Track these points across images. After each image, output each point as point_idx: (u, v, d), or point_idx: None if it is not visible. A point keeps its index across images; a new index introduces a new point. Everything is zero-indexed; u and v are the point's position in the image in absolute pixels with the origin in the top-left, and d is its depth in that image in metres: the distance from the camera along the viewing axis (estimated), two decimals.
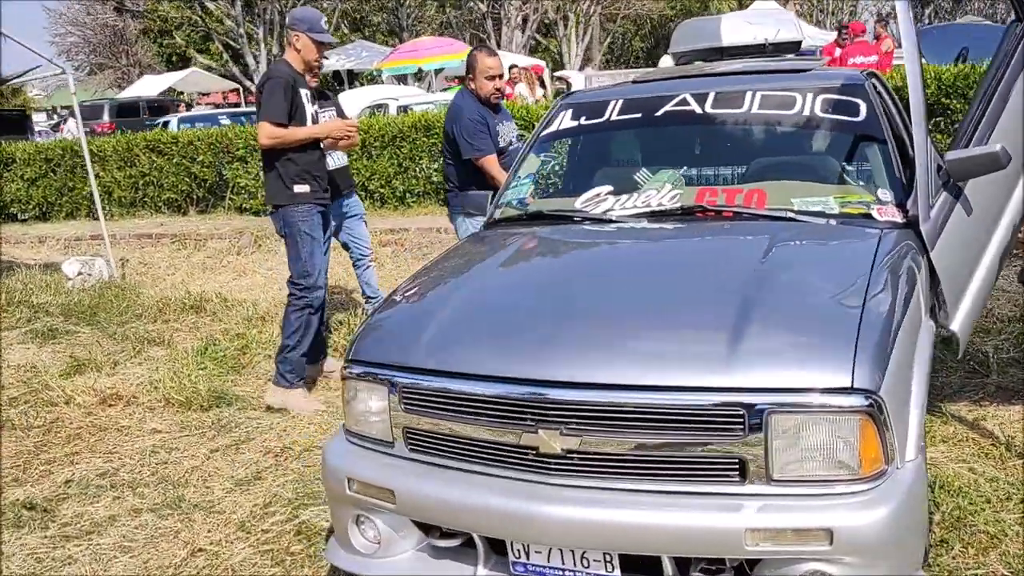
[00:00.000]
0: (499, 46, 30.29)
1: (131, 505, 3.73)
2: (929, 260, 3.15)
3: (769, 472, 2.27)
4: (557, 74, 20.03)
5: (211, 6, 24.43)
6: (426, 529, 2.73)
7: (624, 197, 3.52)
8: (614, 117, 3.91)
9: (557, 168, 4.12)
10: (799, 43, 12.75)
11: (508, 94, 16.34)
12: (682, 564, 2.40)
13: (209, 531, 3.47)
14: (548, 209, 3.65)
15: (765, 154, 3.71)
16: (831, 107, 3.59)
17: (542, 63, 22.07)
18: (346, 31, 29.29)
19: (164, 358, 5.76)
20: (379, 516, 2.73)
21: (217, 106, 26.11)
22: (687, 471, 2.33)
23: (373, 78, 26.32)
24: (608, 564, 2.41)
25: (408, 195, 10.60)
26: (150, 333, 6.46)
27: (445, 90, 21.28)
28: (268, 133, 4.56)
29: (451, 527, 2.61)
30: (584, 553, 2.43)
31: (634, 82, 4.51)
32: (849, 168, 3.54)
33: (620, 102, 3.95)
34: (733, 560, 2.37)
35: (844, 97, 3.62)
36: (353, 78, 28.24)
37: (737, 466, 2.29)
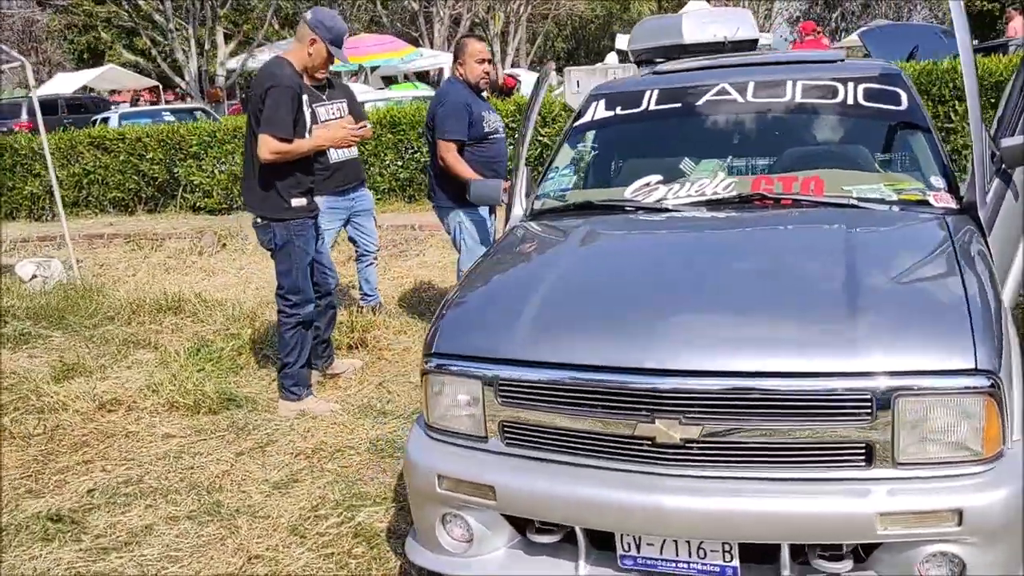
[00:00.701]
0: (431, 45, 30.17)
1: (166, 513, 3.56)
2: (986, 244, 3.20)
3: (895, 456, 2.27)
4: (505, 72, 19.98)
5: (141, 2, 23.61)
6: (519, 525, 2.67)
7: (676, 186, 3.50)
8: (653, 107, 3.89)
9: (594, 158, 4.07)
10: (756, 41, 12.98)
11: None
12: (796, 551, 2.39)
13: (259, 537, 3.33)
14: (599, 199, 3.60)
15: (810, 143, 3.73)
16: (873, 96, 3.62)
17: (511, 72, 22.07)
18: (276, 27, 28.70)
19: (154, 361, 5.52)
20: (471, 513, 2.65)
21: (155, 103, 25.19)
22: (811, 457, 2.31)
23: None
24: (727, 554, 2.39)
25: (373, 192, 10.40)
26: (130, 335, 6.18)
27: (387, 87, 21.06)
28: (273, 148, 4.23)
29: (557, 522, 2.54)
30: (701, 544, 2.40)
31: (655, 73, 4.50)
32: (895, 156, 3.58)
33: (656, 92, 3.93)
34: (850, 545, 2.37)
35: (885, 86, 3.67)
36: None
37: (863, 450, 2.29)
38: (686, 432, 2.34)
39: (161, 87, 27.45)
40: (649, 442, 2.39)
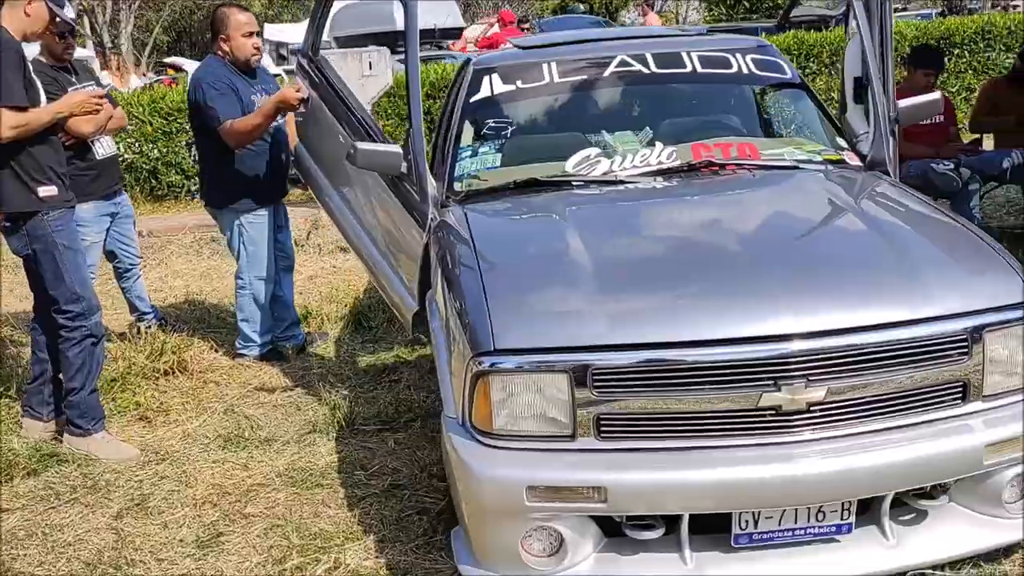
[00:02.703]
0: None
1: None
2: None
3: (983, 389, 2.42)
4: (167, 60, 18.11)
5: None
6: (605, 526, 2.46)
7: (618, 159, 3.43)
8: (557, 80, 3.76)
9: (511, 134, 3.81)
10: (463, 29, 13.34)
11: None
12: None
13: None
14: (544, 176, 3.39)
15: (717, 111, 3.85)
16: (762, 65, 3.82)
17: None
18: None
19: None
20: (562, 522, 2.40)
21: None
22: (916, 402, 2.40)
23: None
24: (845, 512, 2.40)
25: None
26: None
27: None
28: (11, 123, 3.44)
29: (674, 513, 2.37)
30: (822, 507, 2.38)
31: (517, 47, 4.38)
32: (796, 120, 3.82)
33: (554, 64, 3.80)
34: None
35: (767, 57, 3.88)
36: None
37: (960, 388, 2.41)
38: (812, 395, 2.31)
39: None
40: (773, 411, 2.32)
